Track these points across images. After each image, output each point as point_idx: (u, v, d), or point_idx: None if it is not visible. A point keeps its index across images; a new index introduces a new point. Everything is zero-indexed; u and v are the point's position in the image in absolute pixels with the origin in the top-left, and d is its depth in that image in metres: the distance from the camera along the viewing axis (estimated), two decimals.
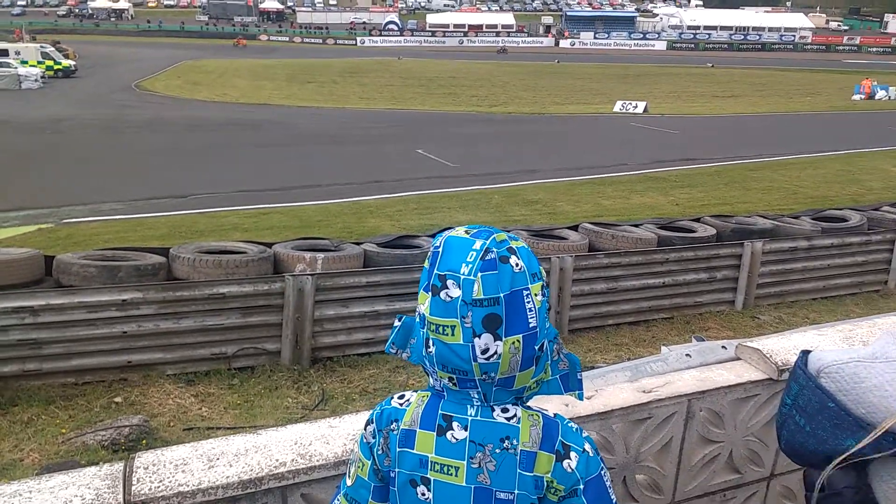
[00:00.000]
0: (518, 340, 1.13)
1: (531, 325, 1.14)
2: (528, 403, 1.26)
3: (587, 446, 1.23)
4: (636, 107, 27.31)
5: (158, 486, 1.41)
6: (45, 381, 5.33)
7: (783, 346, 2.10)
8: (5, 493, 1.35)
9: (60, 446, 4.51)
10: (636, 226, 8.51)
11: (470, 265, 1.13)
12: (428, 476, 1.19)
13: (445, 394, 1.22)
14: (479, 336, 1.12)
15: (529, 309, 1.14)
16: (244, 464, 1.51)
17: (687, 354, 3.05)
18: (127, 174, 13.68)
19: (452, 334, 1.13)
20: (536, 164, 15.35)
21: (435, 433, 1.20)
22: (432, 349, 1.17)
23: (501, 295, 1.12)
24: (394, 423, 1.24)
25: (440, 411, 1.21)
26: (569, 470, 1.19)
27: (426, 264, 1.20)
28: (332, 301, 6.14)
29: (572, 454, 1.20)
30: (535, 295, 1.16)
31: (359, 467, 1.28)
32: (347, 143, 18.44)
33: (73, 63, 37.95)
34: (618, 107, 27.73)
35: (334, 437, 1.63)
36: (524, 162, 15.62)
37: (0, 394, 5.12)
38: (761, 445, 2.13)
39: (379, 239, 7.71)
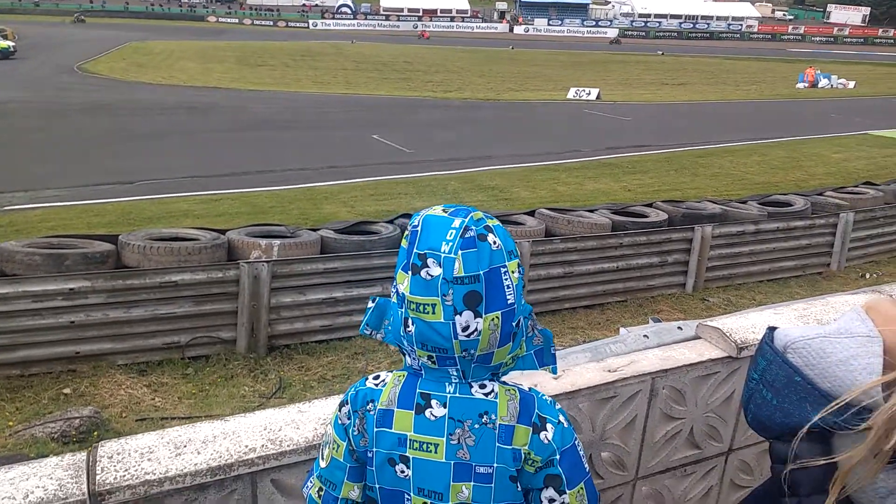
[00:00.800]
0: (497, 317, 1.15)
1: (509, 302, 1.16)
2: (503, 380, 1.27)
3: (561, 418, 1.26)
4: (589, 93, 27.60)
5: (124, 475, 1.38)
6: None
7: (742, 325, 2.17)
8: None
9: (8, 439, 4.36)
10: (591, 211, 8.62)
11: (450, 243, 1.14)
12: (407, 454, 1.20)
13: (423, 372, 1.22)
14: (461, 313, 1.13)
15: (507, 286, 1.16)
16: (212, 450, 1.48)
17: (644, 335, 3.12)
18: (70, 159, 13.19)
19: (433, 312, 1.14)
20: (492, 150, 15.40)
21: (413, 412, 1.21)
22: (412, 328, 1.17)
23: (481, 272, 1.13)
24: (370, 404, 1.24)
25: (418, 390, 1.22)
26: (545, 441, 1.22)
27: (404, 244, 1.20)
28: (289, 288, 6.07)
29: (548, 426, 1.23)
30: (512, 272, 1.18)
31: (333, 448, 1.28)
32: (301, 127, 18.16)
33: (11, 44, 36.23)
34: (571, 93, 27.98)
35: (304, 421, 1.61)
36: (480, 148, 15.64)
37: None
38: (720, 421, 2.20)
39: (336, 225, 7.63)
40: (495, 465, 1.19)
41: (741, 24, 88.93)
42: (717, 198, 10.31)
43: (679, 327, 3.18)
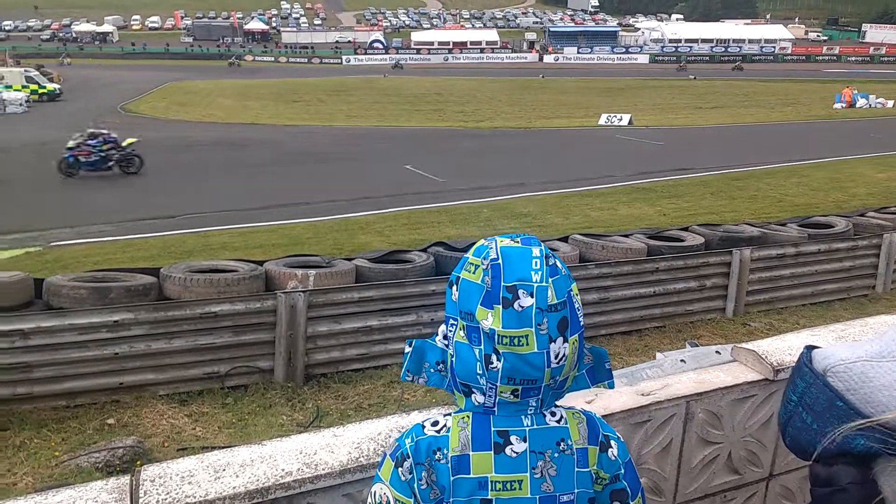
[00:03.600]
0: (576, 340, 1.17)
1: (581, 324, 1.19)
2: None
3: (617, 434, 1.29)
4: (621, 119, 27.57)
5: (165, 498, 1.42)
6: (37, 404, 5.28)
7: (778, 347, 2.13)
8: None
9: (54, 469, 4.46)
10: (626, 236, 8.56)
11: (539, 272, 1.14)
12: (489, 497, 1.17)
13: (496, 409, 1.19)
14: (555, 340, 1.14)
15: (578, 308, 1.19)
16: (250, 474, 1.51)
17: (682, 360, 3.08)
18: (113, 196, 13.63)
19: (527, 343, 1.13)
20: (524, 177, 15.44)
21: (492, 452, 1.18)
22: (497, 364, 1.14)
23: (566, 298, 1.15)
24: (437, 453, 1.19)
25: (493, 428, 1.19)
26: (612, 458, 1.24)
27: (477, 278, 1.17)
28: (325, 317, 6.13)
29: (612, 443, 1.25)
30: (577, 295, 1.20)
31: None
32: (335, 160, 18.47)
33: (57, 87, 37.87)
34: (603, 120, 27.98)
35: (339, 445, 1.63)
36: (512, 176, 15.71)
37: None
38: (759, 446, 2.16)
39: (370, 254, 7.71)
40: (576, 490, 1.19)
41: (774, 47, 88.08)
42: (756, 220, 10.15)
43: (717, 351, 3.14)
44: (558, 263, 1.18)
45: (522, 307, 1.12)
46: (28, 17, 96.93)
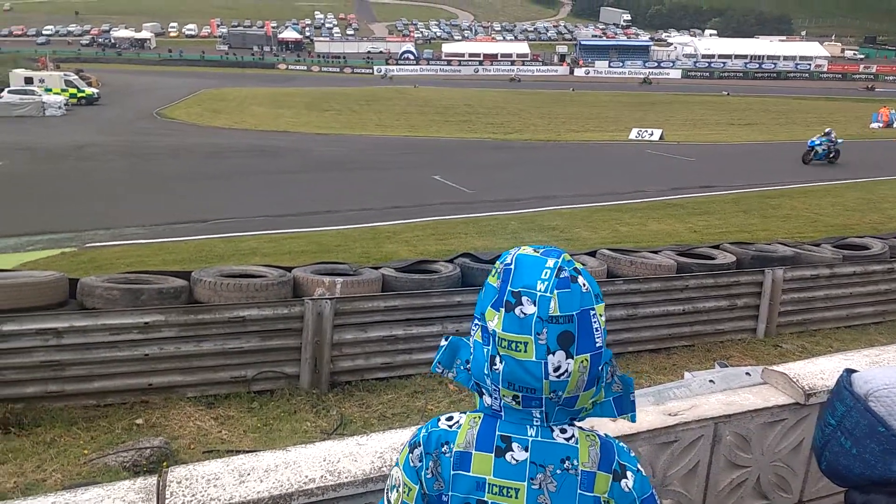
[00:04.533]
0: (586, 359, 1.15)
1: (598, 345, 1.16)
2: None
3: (639, 465, 1.25)
4: (652, 134, 27.37)
5: (191, 500, 1.43)
6: (68, 402, 5.37)
7: (810, 371, 2.09)
8: None
9: (83, 467, 4.53)
10: (655, 252, 8.47)
11: (545, 282, 1.14)
12: (485, 498, 1.18)
13: (503, 414, 1.21)
14: (553, 353, 1.13)
15: (596, 329, 1.17)
16: (274, 479, 1.53)
17: (710, 380, 3.03)
18: (148, 199, 13.88)
19: (525, 351, 1.14)
20: (553, 190, 15.39)
21: (493, 454, 1.19)
22: (499, 366, 1.16)
23: (574, 313, 1.14)
24: (444, 446, 1.22)
25: (498, 432, 1.20)
26: (626, 490, 1.20)
27: (493, 281, 1.20)
28: (351, 325, 6.15)
29: (629, 473, 1.22)
30: (600, 315, 1.18)
31: (404, 492, 1.25)
32: (365, 169, 18.60)
33: (95, 91, 38.84)
34: (633, 134, 27.80)
35: (362, 454, 1.64)
36: (540, 188, 15.67)
37: (23, 415, 5.16)
38: (789, 471, 2.11)
39: (397, 264, 7.73)
40: None
41: (810, 64, 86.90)
42: (789, 240, 9.98)
43: (747, 373, 3.08)
44: (581, 280, 1.16)
45: (525, 314, 1.14)
46: (69, 22, 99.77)
